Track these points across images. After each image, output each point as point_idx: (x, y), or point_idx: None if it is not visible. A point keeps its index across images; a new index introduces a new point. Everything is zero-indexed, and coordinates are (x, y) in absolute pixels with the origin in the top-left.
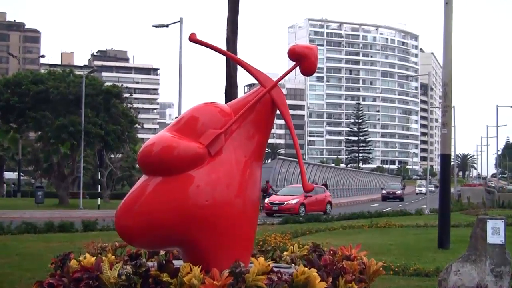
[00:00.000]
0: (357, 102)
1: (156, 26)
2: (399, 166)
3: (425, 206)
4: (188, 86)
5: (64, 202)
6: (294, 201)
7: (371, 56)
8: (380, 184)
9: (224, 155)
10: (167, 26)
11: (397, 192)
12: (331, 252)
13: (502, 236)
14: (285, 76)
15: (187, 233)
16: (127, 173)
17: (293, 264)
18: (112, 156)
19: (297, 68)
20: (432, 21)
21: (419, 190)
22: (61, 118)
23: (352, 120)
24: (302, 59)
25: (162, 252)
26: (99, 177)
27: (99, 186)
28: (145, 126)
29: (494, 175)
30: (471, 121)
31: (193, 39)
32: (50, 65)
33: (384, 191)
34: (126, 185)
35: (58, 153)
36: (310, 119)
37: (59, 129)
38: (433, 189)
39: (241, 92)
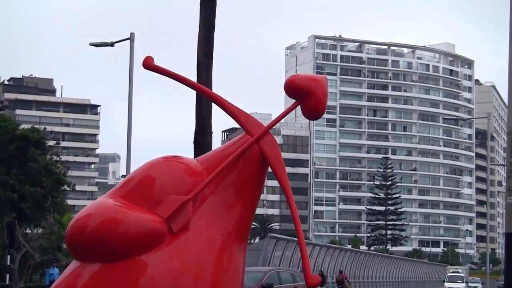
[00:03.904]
0: (384, 156)
1: (96, 45)
2: (445, 249)
3: None
4: (141, 131)
5: None
6: None
7: (405, 90)
8: (418, 275)
9: (192, 233)
10: (111, 45)
11: None
12: None
13: None
14: (281, 119)
15: None
16: (50, 257)
17: None
18: (29, 231)
19: (299, 107)
20: (492, 41)
21: None
22: None
23: (378, 182)
24: (306, 96)
25: None
26: (8, 263)
27: (7, 275)
28: (77, 188)
29: None
30: None
31: (149, 65)
32: None
33: None
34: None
35: None
36: (316, 180)
37: None
38: (478, 285)
39: (217, 141)
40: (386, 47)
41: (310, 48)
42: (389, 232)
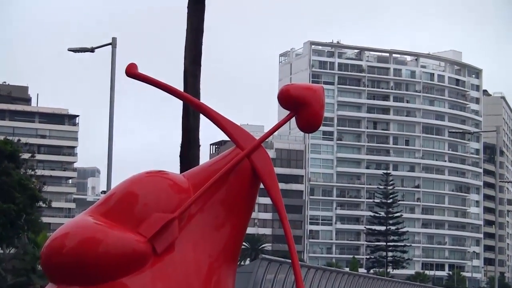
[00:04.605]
0: (385, 172)
1: (75, 51)
2: (450, 272)
3: None
4: (123, 143)
5: None
6: None
7: (408, 101)
8: None
9: (178, 254)
10: (92, 50)
11: None
12: None
13: None
14: (274, 131)
15: None
16: (24, 279)
17: None
18: (1, 251)
19: (293, 119)
20: (502, 49)
21: None
22: None
23: (378, 200)
24: (301, 107)
25: None
26: None
27: None
28: (54, 204)
29: None
30: None
31: (132, 72)
32: None
33: None
34: None
35: None
36: (311, 197)
37: None
38: None
39: (205, 155)
40: (387, 54)
41: (305, 55)
42: (390, 253)
